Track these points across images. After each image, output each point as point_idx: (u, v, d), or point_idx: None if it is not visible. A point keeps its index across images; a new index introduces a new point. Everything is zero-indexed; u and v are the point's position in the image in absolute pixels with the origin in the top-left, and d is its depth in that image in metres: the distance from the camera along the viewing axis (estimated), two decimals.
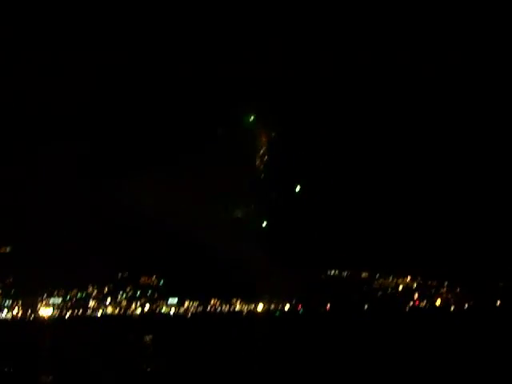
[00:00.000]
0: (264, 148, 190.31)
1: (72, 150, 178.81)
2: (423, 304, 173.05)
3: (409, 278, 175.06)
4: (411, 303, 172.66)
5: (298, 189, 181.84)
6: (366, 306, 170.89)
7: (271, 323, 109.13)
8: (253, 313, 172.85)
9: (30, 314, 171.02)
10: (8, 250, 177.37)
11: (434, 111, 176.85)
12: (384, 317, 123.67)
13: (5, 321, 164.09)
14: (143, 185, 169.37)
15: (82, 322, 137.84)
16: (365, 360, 36.88)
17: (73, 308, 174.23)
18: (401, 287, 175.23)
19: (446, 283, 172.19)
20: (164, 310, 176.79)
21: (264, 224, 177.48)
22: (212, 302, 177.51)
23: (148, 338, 71.63)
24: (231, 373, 32.08)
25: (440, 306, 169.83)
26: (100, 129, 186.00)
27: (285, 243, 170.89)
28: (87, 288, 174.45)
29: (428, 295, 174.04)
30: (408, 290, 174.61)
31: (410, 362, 35.22)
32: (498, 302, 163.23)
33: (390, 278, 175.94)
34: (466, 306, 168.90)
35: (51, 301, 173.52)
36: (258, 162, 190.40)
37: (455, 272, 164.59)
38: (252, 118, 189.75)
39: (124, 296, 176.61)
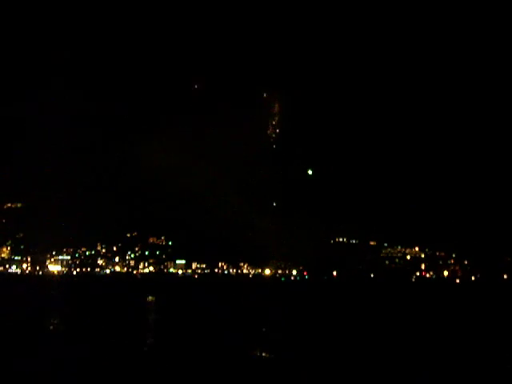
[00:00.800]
0: (276, 118, 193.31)
1: (87, 110, 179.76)
2: (430, 275, 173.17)
3: (417, 248, 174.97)
4: (418, 273, 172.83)
5: (310, 172, 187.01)
6: (372, 275, 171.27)
7: (277, 288, 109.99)
8: (260, 276, 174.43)
9: (39, 270, 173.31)
10: (19, 205, 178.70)
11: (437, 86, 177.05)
12: (390, 286, 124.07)
13: (14, 274, 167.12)
14: (155, 147, 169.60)
15: (89, 279, 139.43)
16: (366, 332, 36.85)
17: (81, 265, 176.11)
18: (408, 257, 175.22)
19: (453, 255, 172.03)
20: (172, 270, 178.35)
21: (274, 204, 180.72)
22: (219, 264, 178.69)
23: (151, 298, 72.14)
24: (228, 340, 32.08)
25: (447, 277, 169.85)
26: (115, 87, 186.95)
27: (294, 209, 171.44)
28: (96, 246, 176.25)
29: (435, 266, 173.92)
30: (415, 260, 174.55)
31: (412, 331, 35.23)
32: (505, 276, 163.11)
33: (398, 248, 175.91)
34: (473, 278, 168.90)
35: (60, 257, 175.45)
36: (270, 130, 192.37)
37: (463, 244, 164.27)
38: (264, 94, 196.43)
39: (132, 255, 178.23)
